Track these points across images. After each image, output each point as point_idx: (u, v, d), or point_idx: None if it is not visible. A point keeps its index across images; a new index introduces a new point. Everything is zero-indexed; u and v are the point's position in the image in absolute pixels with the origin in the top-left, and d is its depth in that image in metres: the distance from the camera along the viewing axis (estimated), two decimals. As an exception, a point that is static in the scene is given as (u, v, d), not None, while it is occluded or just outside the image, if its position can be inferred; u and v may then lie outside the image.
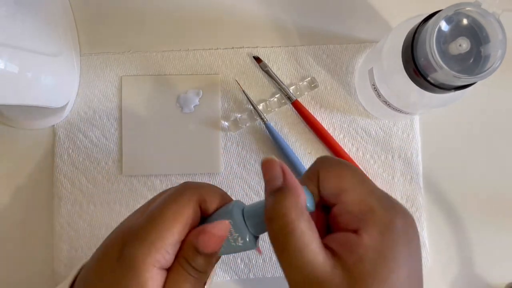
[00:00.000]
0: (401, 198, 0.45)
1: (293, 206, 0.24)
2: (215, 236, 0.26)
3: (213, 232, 0.26)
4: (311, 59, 0.46)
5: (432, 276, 0.45)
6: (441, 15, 0.30)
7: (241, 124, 0.45)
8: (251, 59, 0.46)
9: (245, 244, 0.27)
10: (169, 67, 0.46)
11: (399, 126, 0.45)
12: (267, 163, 0.25)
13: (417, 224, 0.44)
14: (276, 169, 0.25)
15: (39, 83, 0.39)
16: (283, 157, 0.45)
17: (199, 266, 0.26)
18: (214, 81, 0.46)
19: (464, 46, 0.31)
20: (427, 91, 0.34)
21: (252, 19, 0.46)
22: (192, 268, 0.26)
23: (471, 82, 0.31)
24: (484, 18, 0.31)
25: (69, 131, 0.45)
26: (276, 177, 0.25)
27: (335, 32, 0.46)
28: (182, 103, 0.45)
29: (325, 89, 0.46)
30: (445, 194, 0.45)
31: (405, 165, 0.45)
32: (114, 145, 0.45)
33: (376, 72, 0.39)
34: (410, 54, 0.33)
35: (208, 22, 0.46)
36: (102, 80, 0.46)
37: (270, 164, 0.25)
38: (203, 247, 0.26)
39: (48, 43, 0.41)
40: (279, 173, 0.25)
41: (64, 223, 0.44)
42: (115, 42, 0.46)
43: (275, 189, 0.25)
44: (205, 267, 0.26)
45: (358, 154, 0.45)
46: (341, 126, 0.46)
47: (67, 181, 0.45)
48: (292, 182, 0.25)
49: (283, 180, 0.25)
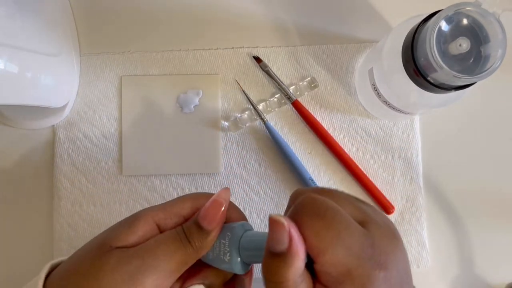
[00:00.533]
0: (401, 198, 0.45)
1: (292, 274, 0.23)
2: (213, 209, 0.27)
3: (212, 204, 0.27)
4: (311, 59, 0.46)
5: (432, 276, 0.45)
6: (441, 15, 0.30)
7: (241, 124, 0.45)
8: (251, 59, 0.46)
9: (231, 264, 0.27)
10: (169, 67, 0.46)
11: (399, 126, 0.45)
12: (275, 224, 0.23)
13: (417, 224, 0.44)
14: (283, 234, 0.23)
15: (39, 83, 0.39)
16: (283, 157, 0.45)
17: (190, 233, 0.27)
18: (214, 81, 0.46)
19: (464, 46, 0.31)
20: (427, 91, 0.34)
21: (252, 19, 0.46)
22: (183, 233, 0.27)
23: (471, 82, 0.31)
24: (484, 18, 0.31)
25: (69, 131, 0.45)
26: (282, 241, 0.23)
27: (335, 32, 0.46)
28: (182, 103, 0.45)
29: (325, 89, 0.46)
30: (445, 194, 0.45)
31: (405, 165, 0.45)
32: (114, 145, 0.45)
33: (376, 72, 0.39)
34: (410, 54, 0.33)
35: (208, 22, 0.46)
36: (102, 80, 0.46)
37: (278, 227, 0.23)
38: (201, 218, 0.27)
39: (48, 43, 0.41)
40: (286, 238, 0.23)
41: (64, 223, 0.44)
42: (115, 42, 0.46)
43: (278, 252, 0.23)
44: (196, 238, 0.27)
45: (358, 154, 0.45)
46: (341, 126, 0.46)
47: (67, 181, 0.45)
48: (297, 250, 0.23)
49: (288, 246, 0.23)
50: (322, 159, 0.45)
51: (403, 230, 0.45)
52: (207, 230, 0.27)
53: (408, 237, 0.44)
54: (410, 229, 0.45)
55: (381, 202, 0.44)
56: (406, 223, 0.45)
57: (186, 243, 0.27)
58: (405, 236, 0.44)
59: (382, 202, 0.44)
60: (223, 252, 0.27)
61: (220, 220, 0.27)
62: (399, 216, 0.45)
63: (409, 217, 0.45)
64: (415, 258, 0.44)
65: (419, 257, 0.44)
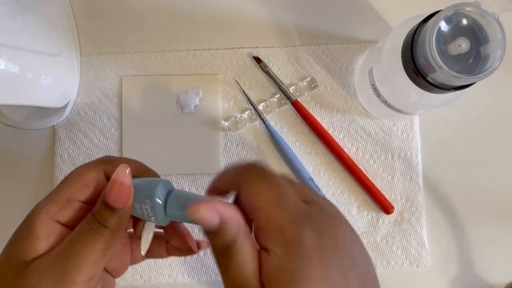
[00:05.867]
0: (401, 198, 0.45)
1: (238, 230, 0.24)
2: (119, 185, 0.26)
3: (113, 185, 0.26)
4: (311, 59, 0.46)
5: (432, 276, 0.45)
6: (441, 15, 0.30)
7: (241, 124, 0.45)
8: (251, 59, 0.46)
9: (158, 221, 0.27)
10: (169, 67, 0.46)
11: (399, 126, 0.45)
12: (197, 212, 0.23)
13: (417, 224, 0.44)
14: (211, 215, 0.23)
15: (39, 83, 0.39)
16: (283, 157, 0.45)
17: (102, 217, 0.26)
18: (214, 81, 0.46)
19: (464, 46, 0.31)
20: (426, 91, 0.34)
21: (252, 19, 0.46)
22: (95, 220, 0.26)
23: (470, 82, 0.31)
24: (484, 18, 0.31)
25: (69, 131, 0.45)
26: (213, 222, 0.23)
27: (335, 32, 0.46)
28: (182, 103, 0.45)
29: (325, 89, 0.46)
30: (445, 194, 0.45)
31: (405, 165, 0.45)
32: (114, 145, 0.45)
33: (376, 72, 0.39)
34: (410, 54, 0.33)
35: (208, 22, 0.46)
36: (102, 80, 0.46)
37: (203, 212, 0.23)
38: (108, 200, 0.26)
39: (48, 43, 0.41)
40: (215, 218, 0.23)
41: (64, 223, 0.44)
42: (115, 42, 0.46)
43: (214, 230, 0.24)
44: (110, 219, 0.26)
45: (358, 154, 0.45)
46: (341, 126, 0.46)
47: (67, 181, 0.45)
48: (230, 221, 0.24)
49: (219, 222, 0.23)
50: (322, 159, 0.45)
51: (403, 230, 0.45)
52: (118, 208, 0.26)
53: (408, 237, 0.45)
54: (410, 229, 0.45)
55: (381, 202, 0.44)
56: (406, 223, 0.45)
57: (102, 229, 0.26)
58: (405, 236, 0.45)
59: (382, 202, 0.44)
60: (147, 215, 0.27)
61: (128, 195, 0.26)
62: (399, 216, 0.45)
63: (409, 217, 0.45)
64: (415, 258, 0.45)
65: (419, 257, 0.45)
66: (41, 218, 0.27)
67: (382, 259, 0.45)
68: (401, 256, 0.45)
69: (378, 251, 0.45)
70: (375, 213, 0.45)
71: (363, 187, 0.45)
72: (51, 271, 0.25)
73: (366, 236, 0.45)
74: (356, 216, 0.45)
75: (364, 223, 0.45)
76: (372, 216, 0.45)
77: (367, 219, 0.45)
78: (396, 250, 0.45)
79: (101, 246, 0.26)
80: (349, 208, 0.45)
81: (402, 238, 0.45)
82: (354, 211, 0.45)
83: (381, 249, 0.45)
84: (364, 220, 0.45)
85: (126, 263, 0.32)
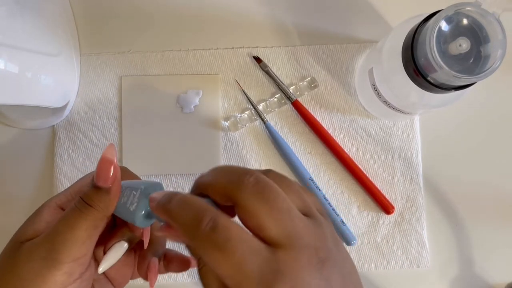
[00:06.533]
0: (401, 198, 0.45)
1: None
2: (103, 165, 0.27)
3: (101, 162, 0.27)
4: (311, 59, 0.46)
5: (432, 276, 0.45)
6: (441, 15, 0.30)
7: (241, 124, 0.45)
8: (251, 59, 0.46)
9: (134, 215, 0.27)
10: (169, 67, 0.46)
11: (399, 126, 0.45)
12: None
13: (417, 224, 0.44)
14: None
15: (39, 83, 0.39)
16: (283, 157, 0.45)
17: (89, 198, 0.27)
18: (214, 81, 0.46)
19: (464, 46, 0.31)
20: (427, 91, 0.34)
21: (252, 19, 0.46)
22: (81, 201, 0.27)
23: (471, 82, 0.31)
24: (484, 18, 0.31)
25: (69, 131, 0.45)
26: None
27: (335, 32, 0.46)
28: (182, 103, 0.45)
29: (325, 89, 0.46)
30: (445, 194, 0.45)
31: (405, 165, 0.45)
32: (114, 145, 0.45)
33: (376, 72, 0.39)
34: (410, 54, 0.33)
35: (208, 22, 0.46)
36: (102, 80, 0.46)
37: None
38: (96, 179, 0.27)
39: (48, 43, 0.41)
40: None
41: (64, 223, 0.44)
42: (115, 42, 0.46)
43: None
44: (96, 200, 0.27)
45: (358, 154, 0.45)
46: (341, 126, 0.46)
47: (67, 181, 0.45)
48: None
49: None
50: (322, 159, 0.45)
51: (403, 230, 0.45)
52: (105, 188, 0.27)
53: (408, 237, 0.45)
54: (410, 229, 0.45)
55: (381, 202, 0.44)
56: (406, 223, 0.45)
57: (87, 208, 0.27)
58: (405, 236, 0.45)
59: (382, 202, 0.44)
60: (130, 202, 0.27)
61: (115, 175, 0.27)
62: (399, 216, 0.45)
63: (409, 217, 0.45)
64: (415, 258, 0.45)
65: (419, 257, 0.44)
66: (50, 205, 0.29)
67: (382, 259, 0.45)
68: (401, 256, 0.45)
69: (378, 251, 0.45)
70: (375, 213, 0.45)
71: (363, 187, 0.45)
72: (40, 249, 0.27)
73: (366, 236, 0.45)
74: (356, 216, 0.45)
75: (364, 223, 0.45)
76: (372, 216, 0.45)
77: (367, 219, 0.45)
78: (397, 250, 0.45)
79: (86, 225, 0.27)
80: (349, 208, 0.45)
81: (403, 238, 0.45)
82: (354, 211, 0.45)
83: (381, 249, 0.45)
84: (364, 220, 0.45)
85: (127, 275, 0.33)
